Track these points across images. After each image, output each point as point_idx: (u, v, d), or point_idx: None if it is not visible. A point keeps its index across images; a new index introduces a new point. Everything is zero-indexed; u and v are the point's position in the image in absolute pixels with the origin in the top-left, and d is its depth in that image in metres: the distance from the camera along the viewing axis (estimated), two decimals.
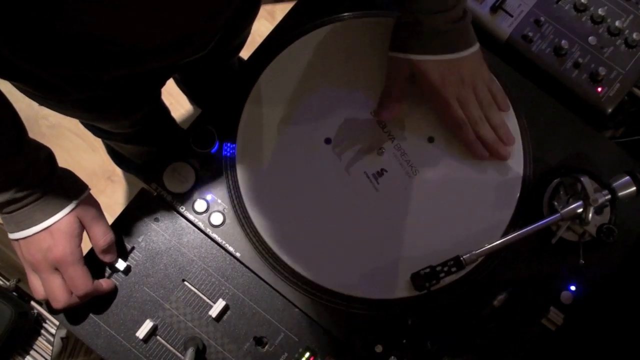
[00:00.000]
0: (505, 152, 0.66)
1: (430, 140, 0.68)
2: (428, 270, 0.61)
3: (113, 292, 0.63)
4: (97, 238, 0.60)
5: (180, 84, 1.34)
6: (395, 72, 0.65)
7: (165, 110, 1.09)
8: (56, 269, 0.57)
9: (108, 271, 0.63)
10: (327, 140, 0.67)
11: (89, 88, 0.64)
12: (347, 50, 0.69)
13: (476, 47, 0.63)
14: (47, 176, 0.56)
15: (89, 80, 0.62)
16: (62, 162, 0.57)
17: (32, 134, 0.56)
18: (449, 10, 0.60)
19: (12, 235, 0.57)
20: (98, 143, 1.51)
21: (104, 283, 0.61)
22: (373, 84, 0.68)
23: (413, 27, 0.62)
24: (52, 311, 0.60)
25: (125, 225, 0.65)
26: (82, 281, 0.57)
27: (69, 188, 0.58)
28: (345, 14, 0.71)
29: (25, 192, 0.54)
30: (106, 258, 0.61)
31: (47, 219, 0.56)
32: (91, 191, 0.61)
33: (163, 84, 0.82)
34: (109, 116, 0.82)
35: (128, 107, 0.80)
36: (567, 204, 0.62)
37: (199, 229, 0.65)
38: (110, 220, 0.65)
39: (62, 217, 0.56)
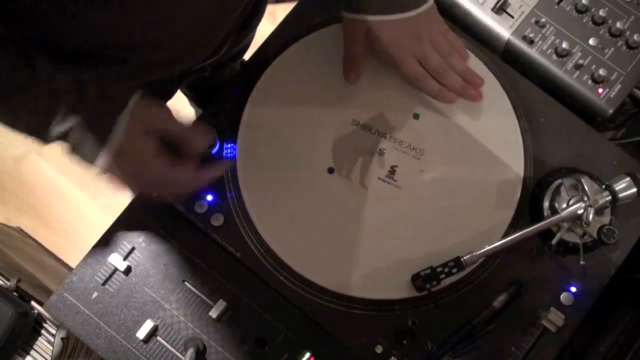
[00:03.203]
0: (476, 93, 0.66)
1: (416, 117, 0.68)
2: (428, 271, 0.61)
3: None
4: (174, 134, 0.55)
5: (183, 87, 1.34)
6: (353, 33, 0.65)
7: None
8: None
9: (108, 272, 0.63)
10: (330, 170, 0.67)
11: None
12: (326, 60, 0.69)
13: (430, 2, 0.64)
14: (77, 100, 0.50)
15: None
16: (62, 162, 0.56)
17: None
18: None
19: (93, 169, 0.52)
20: None
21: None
22: (341, 93, 0.68)
23: None
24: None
25: (125, 226, 0.65)
26: (187, 184, 0.56)
27: (112, 105, 0.51)
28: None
29: (68, 125, 0.49)
30: (199, 143, 0.57)
31: (105, 144, 0.50)
32: (91, 191, 0.61)
33: (176, 90, 0.81)
34: None
35: None
36: (568, 205, 0.62)
37: (199, 229, 0.65)
38: (110, 220, 0.65)
39: (120, 137, 0.50)
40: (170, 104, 1.04)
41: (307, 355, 0.62)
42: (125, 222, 0.65)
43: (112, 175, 0.53)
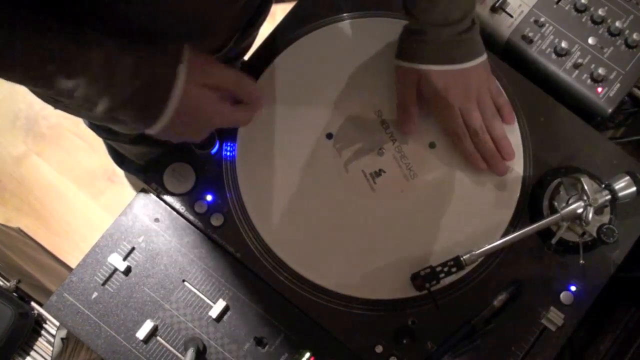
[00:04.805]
0: (503, 167, 0.66)
1: (432, 145, 0.68)
2: (428, 270, 0.61)
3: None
4: (228, 88, 0.55)
5: None
6: (404, 81, 0.65)
7: None
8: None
9: (108, 272, 0.63)
10: (329, 135, 0.67)
11: None
12: (347, 50, 0.69)
13: (483, 57, 0.64)
14: (135, 66, 0.48)
15: None
16: (62, 162, 0.56)
17: (32, 134, 0.56)
18: (456, 23, 0.60)
19: (152, 131, 0.52)
20: (98, 143, 1.51)
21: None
22: (376, 84, 0.68)
23: (419, 36, 0.63)
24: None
25: (125, 226, 0.65)
26: (246, 117, 0.58)
27: (167, 62, 0.50)
28: (345, 14, 0.71)
29: (124, 94, 0.48)
30: (251, 98, 0.58)
31: (168, 102, 0.50)
32: (91, 191, 0.61)
33: None
34: None
35: None
36: (567, 204, 0.62)
37: (199, 229, 0.65)
38: (110, 220, 0.65)
39: (180, 95, 0.50)
40: None
41: (307, 355, 0.62)
42: (125, 223, 0.65)
43: (178, 130, 0.53)
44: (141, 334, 0.61)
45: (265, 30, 0.75)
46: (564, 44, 0.71)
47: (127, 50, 0.48)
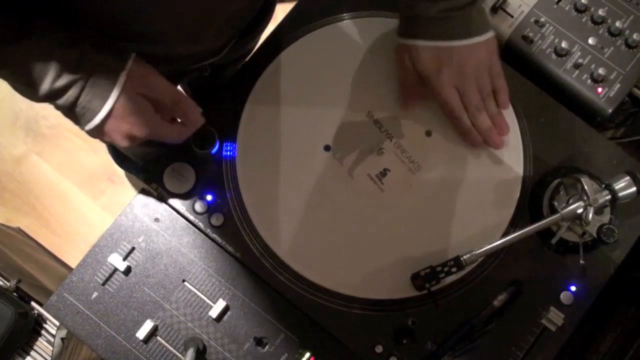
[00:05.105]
0: (499, 141, 0.66)
1: (428, 134, 0.68)
2: (428, 270, 0.61)
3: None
4: (165, 105, 0.56)
5: (184, 85, 1.35)
6: (400, 59, 0.66)
7: None
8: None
9: (108, 272, 0.63)
10: (327, 148, 0.67)
11: None
12: (347, 50, 0.69)
13: (485, 36, 0.62)
14: (78, 59, 0.50)
15: None
16: (62, 162, 0.57)
17: (33, 134, 0.56)
18: None
19: (84, 129, 0.54)
20: (98, 143, 1.51)
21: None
22: (361, 84, 0.68)
23: (407, 12, 0.63)
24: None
25: (125, 226, 0.65)
26: (180, 134, 0.57)
27: (110, 63, 0.52)
28: (345, 14, 0.71)
29: (61, 84, 0.49)
30: (188, 117, 0.58)
31: (103, 104, 0.51)
32: (91, 191, 0.61)
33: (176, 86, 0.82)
34: None
35: None
36: (567, 204, 0.62)
37: (199, 229, 0.65)
38: (111, 220, 0.65)
39: (115, 98, 0.52)
40: None
41: (307, 355, 0.62)
42: (125, 223, 0.65)
43: (106, 132, 0.54)
44: (141, 333, 0.61)
45: (266, 30, 0.76)
46: (564, 44, 0.71)
47: (75, 44, 0.50)
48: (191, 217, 0.65)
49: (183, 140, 0.59)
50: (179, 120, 0.59)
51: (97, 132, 0.54)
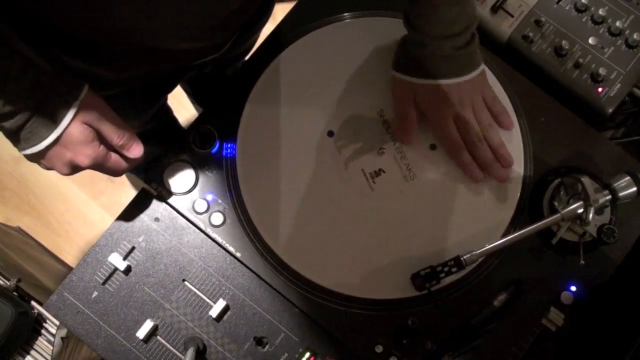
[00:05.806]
0: (503, 174, 0.65)
1: (433, 147, 0.68)
2: (428, 270, 0.61)
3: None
4: (111, 138, 0.56)
5: (184, 83, 1.34)
6: (401, 93, 0.66)
7: (169, 111, 1.09)
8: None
9: (108, 271, 0.63)
10: (330, 133, 0.67)
11: (105, 87, 0.64)
12: (347, 50, 0.69)
13: (479, 69, 0.64)
14: (32, 85, 0.50)
15: (106, 79, 0.62)
16: None
17: None
18: (457, 35, 0.60)
19: (25, 152, 0.53)
20: None
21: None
22: (379, 83, 0.68)
23: (418, 49, 0.63)
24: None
25: (125, 225, 0.65)
26: (120, 167, 0.57)
27: (64, 92, 0.52)
28: (346, 14, 0.71)
29: (12, 107, 0.49)
30: (130, 153, 0.58)
31: (51, 132, 0.52)
32: (91, 191, 0.61)
33: (175, 84, 0.82)
34: (121, 116, 0.82)
35: (140, 107, 0.80)
36: (568, 204, 0.62)
37: (199, 229, 0.65)
38: (111, 220, 0.65)
39: (65, 127, 0.52)
40: (171, 103, 1.04)
41: (307, 355, 0.62)
42: (125, 222, 0.65)
43: (48, 158, 0.54)
44: (141, 333, 0.61)
45: (266, 29, 0.76)
46: (564, 44, 0.71)
47: (30, 68, 0.49)
48: (191, 217, 0.65)
49: (121, 174, 0.59)
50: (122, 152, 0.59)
51: (38, 157, 0.54)
